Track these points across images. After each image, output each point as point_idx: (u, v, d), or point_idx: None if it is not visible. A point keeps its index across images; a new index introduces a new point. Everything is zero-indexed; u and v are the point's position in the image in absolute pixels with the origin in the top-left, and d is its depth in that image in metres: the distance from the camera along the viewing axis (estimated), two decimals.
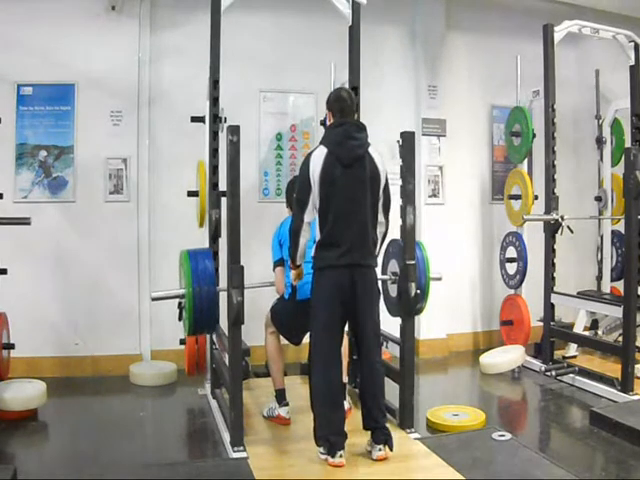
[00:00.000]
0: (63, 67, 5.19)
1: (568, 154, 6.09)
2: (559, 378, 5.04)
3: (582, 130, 6.48)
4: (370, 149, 3.38)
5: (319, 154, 3.32)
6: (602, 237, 6.22)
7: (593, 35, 5.54)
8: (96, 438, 3.92)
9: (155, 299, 3.74)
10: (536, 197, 5.64)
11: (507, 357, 5.39)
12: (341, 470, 3.21)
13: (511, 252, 5.89)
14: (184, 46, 5.31)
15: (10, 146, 5.14)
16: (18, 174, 5.17)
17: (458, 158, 6.16)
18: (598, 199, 6.27)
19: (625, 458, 3.53)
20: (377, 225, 3.43)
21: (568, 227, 5.31)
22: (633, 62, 5.58)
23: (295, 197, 3.41)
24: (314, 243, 3.40)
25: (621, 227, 5.56)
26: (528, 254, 5.69)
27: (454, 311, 6.13)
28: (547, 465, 3.25)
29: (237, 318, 3.40)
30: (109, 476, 3.33)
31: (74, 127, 5.24)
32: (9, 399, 4.12)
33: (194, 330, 3.74)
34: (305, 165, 3.36)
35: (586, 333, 5.54)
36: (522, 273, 5.73)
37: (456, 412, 4.18)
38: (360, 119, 4.16)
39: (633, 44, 5.54)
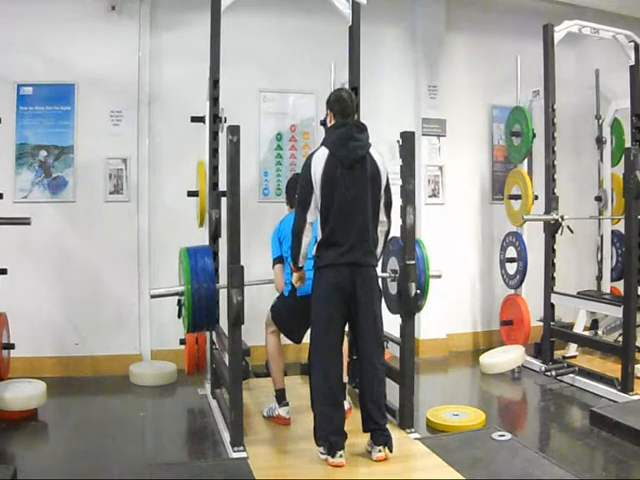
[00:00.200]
0: (63, 67, 5.19)
1: (568, 154, 6.09)
2: (559, 378, 5.04)
3: (582, 130, 6.47)
4: (371, 150, 3.39)
5: (321, 155, 3.33)
6: (602, 237, 6.22)
7: (593, 35, 5.54)
8: (96, 438, 3.92)
9: (154, 296, 3.74)
10: (536, 197, 5.64)
11: (507, 357, 5.39)
12: (341, 470, 3.21)
13: (511, 252, 5.89)
14: (184, 46, 5.31)
15: (10, 146, 5.14)
16: (18, 174, 5.17)
17: (458, 158, 6.16)
18: (598, 199, 6.27)
19: (625, 458, 3.53)
20: (378, 225, 3.44)
21: (568, 227, 5.31)
22: (633, 62, 5.58)
23: (297, 198, 3.43)
24: (316, 243, 3.41)
25: (621, 227, 5.55)
26: (528, 254, 5.69)
27: (454, 311, 6.13)
28: (547, 465, 3.26)
29: (237, 318, 3.40)
30: (109, 476, 3.34)
31: (74, 127, 5.24)
32: (9, 399, 4.12)
33: (193, 327, 3.74)
34: (307, 166, 3.37)
35: (586, 333, 5.54)
36: (522, 273, 5.73)
37: (456, 412, 4.18)
38: (360, 119, 4.17)
39: (633, 44, 5.54)
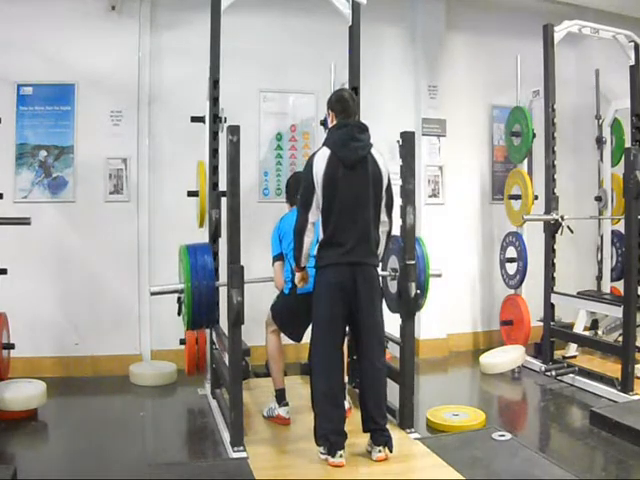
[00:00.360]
0: (63, 67, 5.19)
1: (568, 154, 6.09)
2: (559, 378, 5.04)
3: (582, 130, 6.47)
4: (373, 150, 3.40)
5: (322, 155, 3.34)
6: (602, 237, 6.21)
7: (593, 35, 5.54)
8: (96, 438, 3.92)
9: (154, 294, 3.76)
10: (536, 197, 5.64)
11: (507, 357, 5.39)
12: (341, 470, 3.21)
13: (511, 252, 5.89)
14: (184, 46, 5.31)
15: (10, 146, 5.15)
16: (18, 174, 5.17)
17: (458, 158, 6.15)
18: (598, 199, 6.27)
19: (625, 458, 3.53)
20: (380, 225, 3.44)
21: (568, 227, 5.31)
22: (633, 62, 5.58)
23: (299, 198, 3.43)
24: (317, 243, 3.41)
25: (621, 227, 5.56)
26: (528, 254, 5.69)
27: (454, 311, 6.13)
28: (547, 465, 3.26)
29: (237, 318, 3.40)
30: (109, 476, 3.33)
31: (74, 127, 5.24)
32: (9, 399, 4.12)
33: (193, 325, 3.75)
34: (308, 166, 3.38)
35: (586, 333, 5.54)
36: (522, 273, 5.73)
37: (456, 412, 4.18)
38: (360, 119, 4.16)
39: (633, 44, 5.54)
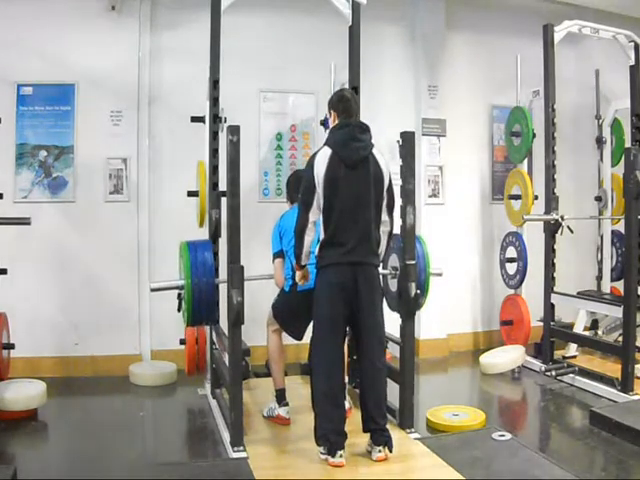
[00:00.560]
0: (63, 67, 5.19)
1: (568, 154, 6.08)
2: (559, 378, 5.04)
3: (582, 130, 6.47)
4: (374, 150, 3.40)
5: (323, 155, 3.34)
6: (602, 237, 6.22)
7: (593, 35, 5.54)
8: (96, 438, 3.92)
9: (154, 290, 3.76)
10: (536, 197, 5.64)
11: (507, 357, 5.39)
12: (341, 470, 3.21)
13: (511, 252, 5.89)
14: (184, 46, 5.31)
15: (10, 146, 5.15)
16: (18, 174, 5.17)
17: (458, 158, 6.15)
18: (598, 199, 6.28)
19: (625, 458, 3.53)
20: (381, 225, 3.44)
21: (568, 227, 5.31)
22: (633, 62, 5.58)
23: (300, 197, 3.43)
24: (318, 242, 3.41)
25: (621, 227, 5.56)
26: (528, 254, 5.69)
27: (454, 311, 6.12)
28: (547, 465, 3.26)
29: (237, 318, 3.40)
30: (109, 476, 3.33)
31: (74, 127, 5.24)
32: (9, 399, 4.12)
33: (193, 321, 3.76)
34: (309, 166, 3.38)
35: (586, 333, 5.54)
36: (522, 273, 5.73)
37: (456, 412, 4.18)
38: (360, 119, 4.16)
39: (633, 44, 5.54)
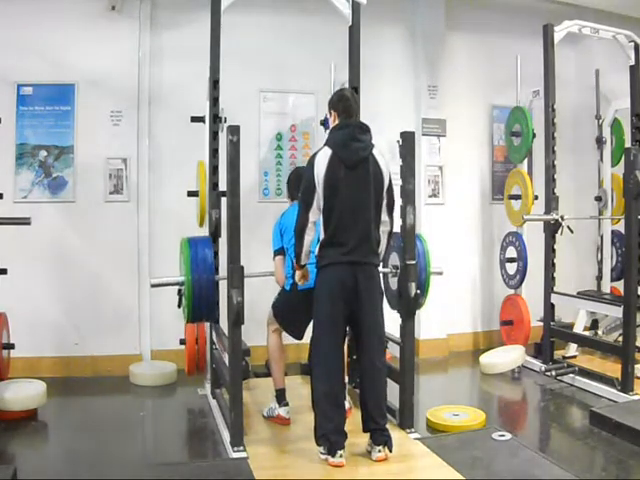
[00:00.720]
0: (63, 67, 5.19)
1: (568, 154, 6.08)
2: (559, 378, 5.04)
3: (582, 130, 6.47)
4: (374, 151, 3.40)
5: (323, 155, 3.34)
6: (602, 237, 6.22)
7: (593, 35, 5.54)
8: (96, 438, 3.92)
9: (154, 285, 3.77)
10: (536, 197, 5.64)
11: (507, 357, 5.39)
12: (341, 470, 3.21)
13: (511, 252, 5.89)
14: (184, 46, 5.31)
15: (10, 146, 5.14)
16: (18, 174, 5.17)
17: (458, 158, 6.15)
18: (598, 199, 6.27)
19: (625, 458, 3.53)
20: (381, 225, 3.44)
21: (568, 227, 5.31)
22: (633, 62, 5.58)
23: (300, 197, 3.44)
24: (318, 242, 3.41)
25: (621, 227, 5.56)
26: (528, 254, 5.69)
27: (454, 311, 6.12)
28: (547, 465, 3.26)
29: (237, 318, 3.40)
30: (109, 476, 3.33)
31: (74, 127, 5.24)
32: (9, 399, 4.12)
33: (193, 317, 3.77)
34: (310, 166, 3.38)
35: (586, 333, 5.55)
36: (522, 273, 5.73)
37: (456, 412, 4.18)
38: (360, 119, 4.16)
39: (633, 44, 5.54)
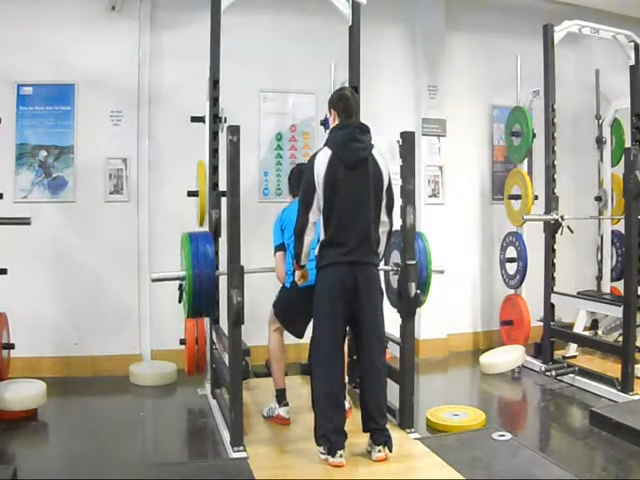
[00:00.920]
0: (63, 67, 5.19)
1: (568, 154, 6.08)
2: (559, 378, 5.04)
3: (582, 130, 6.47)
4: (374, 151, 3.41)
5: (323, 156, 3.35)
6: (602, 237, 6.22)
7: (593, 35, 5.54)
8: (96, 438, 3.92)
9: (155, 280, 3.78)
10: (536, 197, 5.64)
11: (507, 357, 5.39)
12: (341, 470, 3.21)
13: (511, 252, 5.89)
14: (184, 46, 5.31)
15: (10, 146, 5.14)
16: (18, 174, 5.17)
17: (458, 158, 6.15)
18: (598, 199, 6.27)
19: (625, 458, 3.53)
20: (380, 225, 3.44)
21: (568, 227, 5.31)
22: (633, 62, 5.58)
23: (300, 197, 3.44)
24: (318, 242, 3.41)
25: (621, 227, 5.56)
26: (528, 254, 5.69)
27: (454, 311, 6.12)
28: (547, 465, 3.26)
29: (237, 318, 3.40)
30: (109, 476, 3.33)
31: (74, 127, 5.24)
32: (9, 399, 4.11)
33: (193, 312, 3.78)
34: (310, 167, 3.39)
35: (586, 333, 5.55)
36: (522, 273, 5.73)
37: (456, 412, 4.18)
38: (360, 119, 4.16)
39: (633, 44, 5.54)
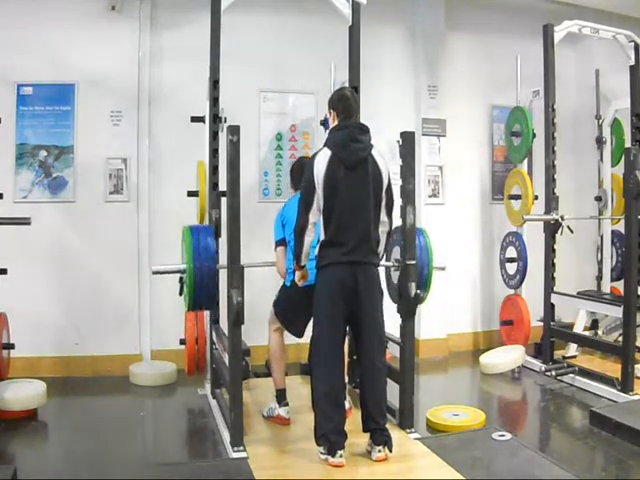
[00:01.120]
0: (63, 67, 5.19)
1: (568, 154, 6.08)
2: (559, 378, 5.04)
3: (582, 130, 6.47)
4: (373, 151, 3.41)
5: (323, 156, 3.35)
6: (602, 237, 6.22)
7: (593, 35, 5.54)
8: (96, 438, 3.92)
9: (156, 272, 3.80)
10: (536, 197, 5.64)
11: (507, 357, 5.39)
12: (341, 470, 3.21)
13: (511, 252, 5.89)
14: (184, 46, 5.31)
15: (10, 146, 5.14)
16: (18, 174, 5.17)
17: (458, 158, 6.15)
18: (598, 199, 6.28)
19: (625, 458, 3.53)
20: (380, 225, 3.45)
21: (568, 227, 5.31)
22: (633, 62, 5.58)
23: (300, 198, 3.45)
24: (318, 242, 3.42)
25: (621, 227, 5.56)
26: (528, 254, 5.69)
27: (454, 311, 6.12)
28: (547, 465, 3.26)
29: (237, 318, 3.40)
30: (109, 476, 3.33)
31: (74, 127, 5.24)
32: (9, 399, 4.12)
33: (194, 305, 3.78)
34: (309, 167, 3.39)
35: (586, 333, 5.55)
36: (522, 273, 5.73)
37: (456, 412, 4.18)
38: (360, 119, 4.17)
39: (633, 44, 5.54)
